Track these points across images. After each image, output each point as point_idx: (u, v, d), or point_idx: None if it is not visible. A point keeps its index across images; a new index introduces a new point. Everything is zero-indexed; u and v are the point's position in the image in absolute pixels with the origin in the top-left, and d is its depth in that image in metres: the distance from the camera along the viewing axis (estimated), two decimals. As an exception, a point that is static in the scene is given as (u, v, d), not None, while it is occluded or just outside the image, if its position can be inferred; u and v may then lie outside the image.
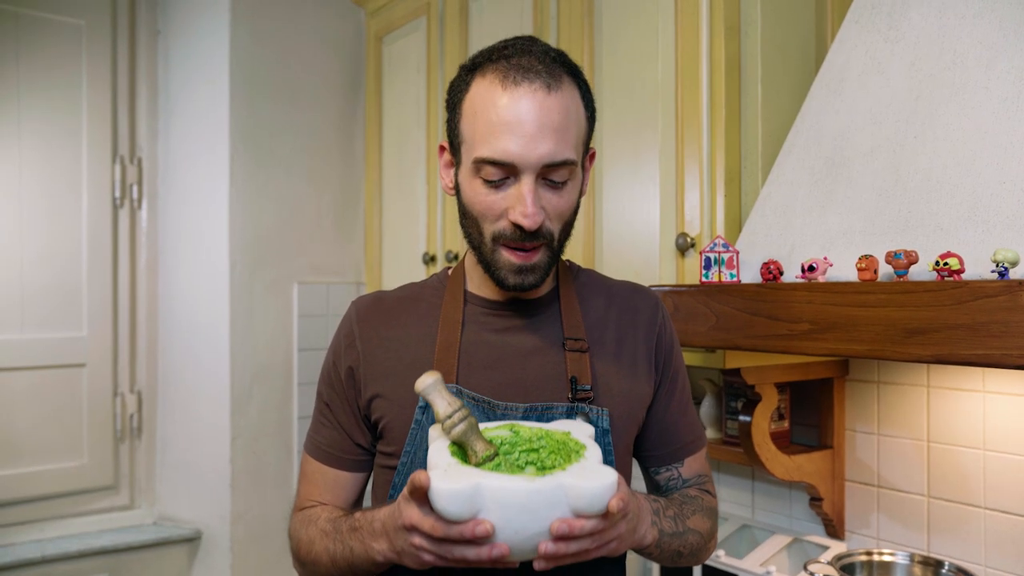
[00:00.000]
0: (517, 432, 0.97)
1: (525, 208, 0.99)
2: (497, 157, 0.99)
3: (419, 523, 0.85)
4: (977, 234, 1.24)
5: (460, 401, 0.91)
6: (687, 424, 1.21)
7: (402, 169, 2.85)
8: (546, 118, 0.99)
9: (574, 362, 1.10)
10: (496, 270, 1.05)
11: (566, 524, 0.81)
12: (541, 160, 0.99)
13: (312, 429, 1.19)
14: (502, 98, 0.99)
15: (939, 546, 1.71)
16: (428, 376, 0.91)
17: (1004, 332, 1.07)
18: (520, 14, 2.27)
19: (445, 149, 1.12)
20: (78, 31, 2.75)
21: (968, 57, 1.38)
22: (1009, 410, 1.60)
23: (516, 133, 0.98)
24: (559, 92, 1.01)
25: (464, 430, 0.90)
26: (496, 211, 1.02)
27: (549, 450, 0.95)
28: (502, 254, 1.04)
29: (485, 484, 0.81)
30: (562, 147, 1.00)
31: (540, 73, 1.00)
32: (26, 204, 2.67)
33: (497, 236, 1.03)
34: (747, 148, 1.76)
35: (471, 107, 1.03)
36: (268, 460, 2.88)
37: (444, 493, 0.81)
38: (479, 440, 0.92)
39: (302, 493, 1.18)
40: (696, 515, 1.14)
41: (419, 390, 0.91)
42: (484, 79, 1.02)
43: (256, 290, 2.84)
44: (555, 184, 1.02)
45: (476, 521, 0.81)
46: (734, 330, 1.45)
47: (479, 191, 1.03)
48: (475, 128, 1.02)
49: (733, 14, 1.73)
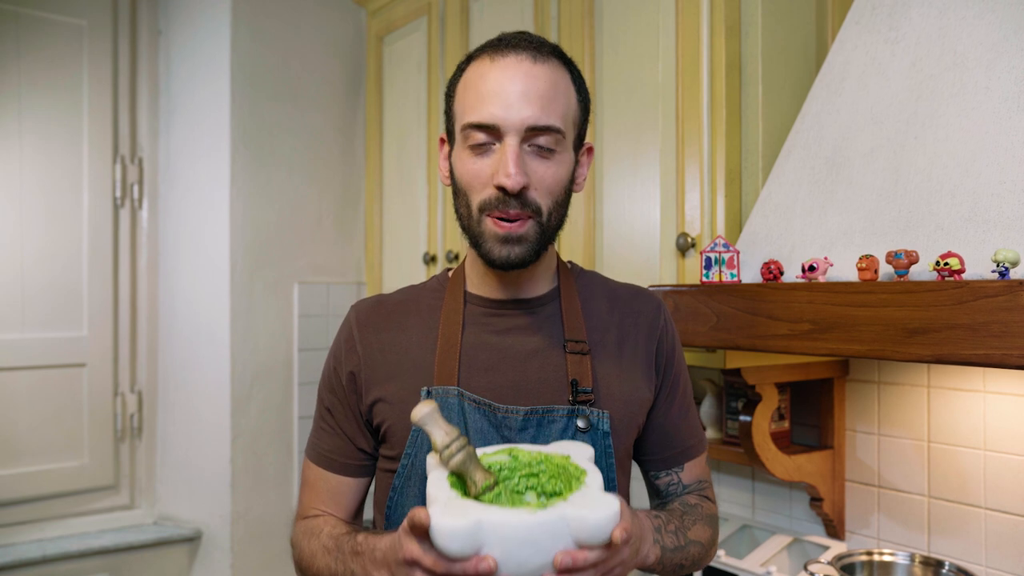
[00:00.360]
0: (516, 457, 0.95)
1: (507, 168, 0.99)
2: (482, 120, 1.01)
3: (420, 558, 0.83)
4: (977, 234, 1.24)
5: (457, 430, 0.90)
6: (688, 428, 1.21)
7: (403, 169, 2.85)
8: (531, 84, 1.01)
9: (575, 364, 1.09)
10: (482, 243, 1.05)
11: (570, 557, 0.81)
12: (524, 122, 1.00)
13: (314, 435, 1.18)
14: (490, 71, 1.03)
15: (939, 546, 1.71)
16: (424, 406, 0.90)
17: (1004, 332, 1.07)
18: (521, 14, 2.28)
19: (444, 141, 1.14)
20: (79, 31, 2.75)
21: (968, 58, 1.38)
22: (1010, 410, 1.60)
23: (500, 96, 1.01)
24: (545, 64, 1.04)
25: (462, 460, 0.89)
26: (482, 179, 1.03)
27: (549, 474, 0.93)
28: (487, 224, 1.03)
29: (486, 520, 0.80)
30: (547, 113, 1.01)
31: (527, 47, 1.04)
32: (27, 203, 2.67)
33: (483, 205, 1.03)
34: (747, 148, 1.76)
35: (463, 87, 1.07)
36: (268, 460, 2.88)
37: (445, 531, 0.79)
38: (478, 469, 0.90)
39: (304, 501, 1.18)
40: (697, 525, 1.13)
41: (415, 420, 0.90)
42: (475, 61, 1.07)
43: (257, 290, 2.84)
44: (541, 150, 1.02)
45: (479, 558, 0.79)
46: (735, 330, 1.45)
47: (466, 160, 1.04)
48: (465, 101, 1.05)
49: (734, 14, 1.73)
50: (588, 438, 1.07)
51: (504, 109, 1.00)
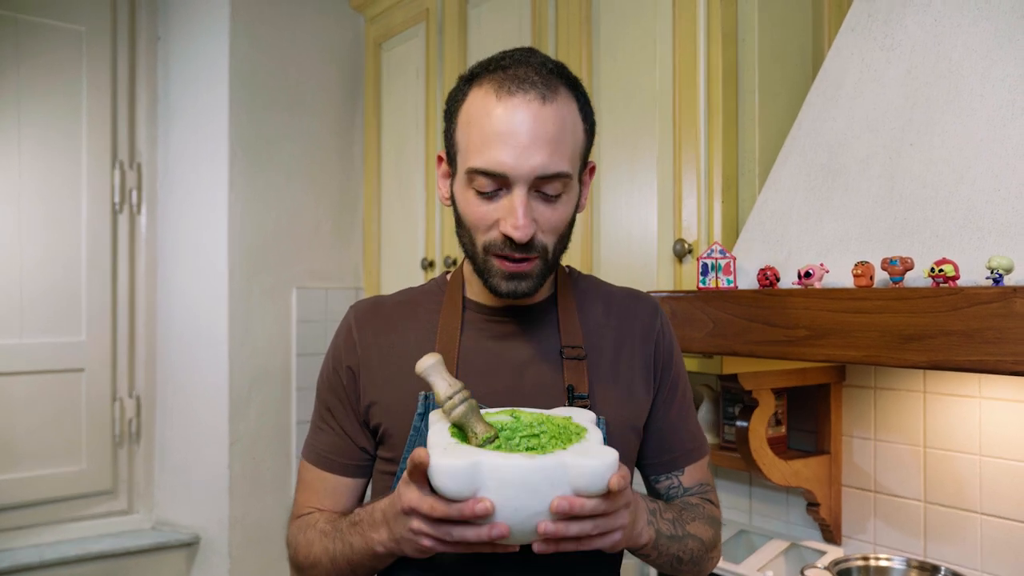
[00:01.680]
0: (518, 417, 0.96)
1: (516, 220, 0.98)
2: (489, 168, 0.98)
3: (418, 504, 0.84)
4: (972, 241, 1.25)
5: (460, 383, 0.91)
6: (688, 432, 1.20)
7: (401, 175, 2.86)
8: (540, 129, 0.98)
9: (571, 370, 1.10)
10: (488, 278, 1.05)
11: (567, 501, 0.81)
12: (533, 172, 0.98)
13: (311, 435, 1.18)
14: (496, 108, 0.99)
15: (936, 551, 1.71)
16: (429, 357, 0.91)
17: (999, 338, 1.08)
18: (519, 21, 2.29)
19: (443, 159, 1.12)
20: (78, 37, 2.76)
21: (963, 65, 1.39)
22: (1005, 416, 1.61)
23: (509, 144, 0.97)
24: (554, 103, 1.00)
25: (464, 411, 0.90)
26: (488, 222, 1.02)
27: (550, 435, 0.94)
28: (493, 263, 1.04)
29: (485, 461, 0.81)
30: (556, 159, 0.99)
31: (536, 84, 0.99)
32: (26, 209, 2.67)
33: (488, 246, 1.03)
34: (744, 155, 1.77)
35: (466, 117, 1.03)
36: (266, 465, 2.88)
37: (443, 469, 0.80)
38: (479, 422, 0.91)
39: (300, 501, 1.17)
40: (696, 521, 1.12)
41: (420, 371, 0.91)
42: (480, 89, 1.02)
43: (255, 295, 2.85)
44: (548, 197, 1.01)
45: (476, 499, 0.80)
46: (731, 336, 1.46)
47: (471, 201, 1.02)
48: (469, 138, 1.01)
49: (730, 22, 1.74)
50: None
51: (513, 158, 0.97)
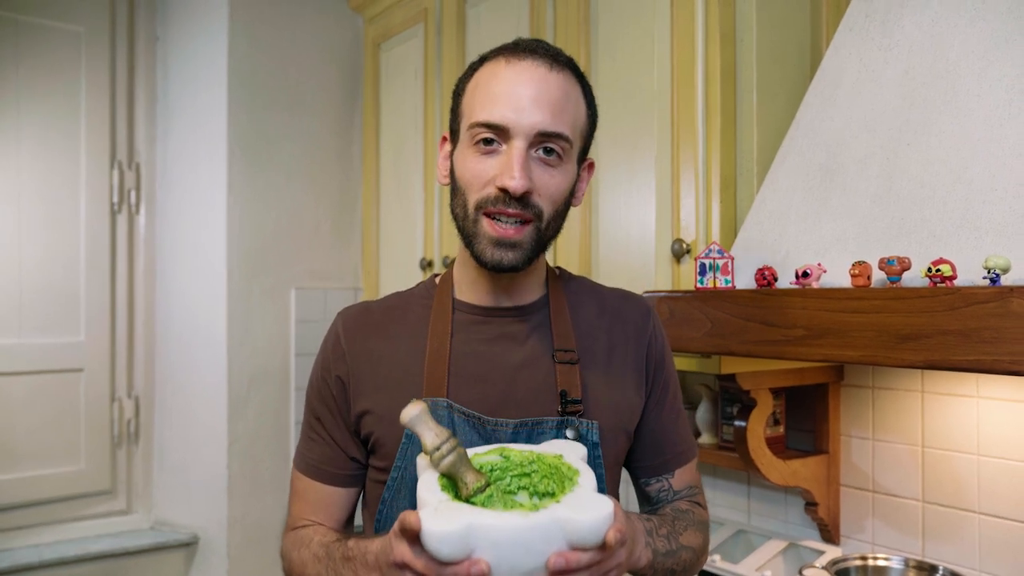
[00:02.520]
0: (507, 457, 0.94)
1: (512, 171, 0.99)
2: (492, 119, 1.01)
3: (411, 562, 0.82)
4: (969, 241, 1.25)
5: (448, 431, 0.89)
6: (678, 435, 1.20)
7: (400, 175, 2.86)
8: (544, 90, 1.01)
9: (564, 374, 1.09)
10: (475, 243, 1.04)
11: (563, 559, 0.80)
12: (534, 127, 1.00)
13: (302, 446, 1.17)
14: (505, 71, 1.03)
15: (934, 551, 1.71)
16: (413, 407, 0.89)
17: (995, 338, 1.08)
18: (517, 21, 2.29)
19: (447, 139, 1.13)
20: (77, 37, 2.76)
21: (960, 66, 1.39)
22: (1003, 415, 1.61)
23: (512, 98, 1.01)
24: (560, 73, 1.04)
25: (453, 461, 0.88)
26: (484, 178, 1.02)
27: (541, 474, 0.92)
28: (483, 225, 1.03)
29: (477, 523, 0.79)
30: (556, 120, 1.02)
31: (544, 54, 1.04)
32: (25, 209, 2.67)
33: (481, 203, 1.02)
34: (742, 154, 1.77)
35: (474, 86, 1.06)
36: (265, 465, 2.88)
37: (436, 535, 0.78)
38: (469, 471, 0.89)
39: (294, 512, 1.16)
40: (689, 530, 1.12)
41: (405, 422, 0.89)
42: (490, 62, 1.06)
43: (254, 295, 2.85)
44: (547, 159, 1.02)
45: (471, 561, 0.78)
46: (729, 336, 1.46)
47: (470, 158, 1.04)
48: (475, 99, 1.04)
49: (728, 21, 1.74)
50: None
51: (515, 111, 1.00)
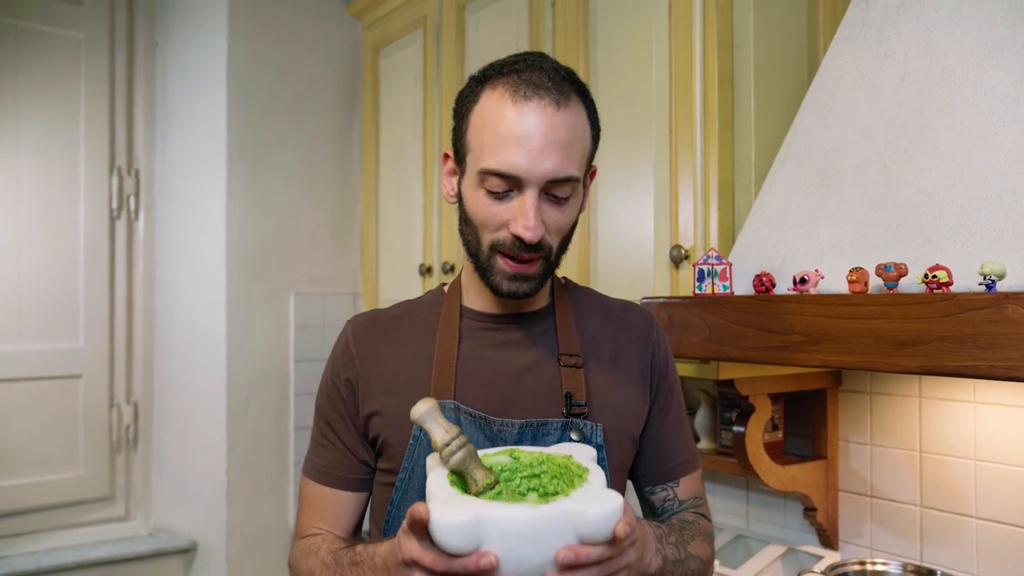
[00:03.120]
0: (517, 458, 0.95)
1: (527, 222, 1.00)
2: (503, 169, 1.00)
3: (419, 557, 0.82)
4: (965, 247, 1.26)
5: (457, 428, 0.90)
6: (682, 443, 1.21)
7: (399, 180, 2.87)
8: (553, 134, 1.00)
9: (569, 377, 1.10)
10: (491, 276, 1.06)
11: (572, 552, 0.79)
12: (546, 175, 1.00)
13: (312, 452, 1.17)
14: (511, 112, 1.01)
15: (932, 556, 1.72)
16: (423, 404, 0.90)
17: (991, 344, 1.09)
18: (516, 27, 2.30)
19: (449, 157, 1.12)
20: (76, 44, 2.77)
21: (956, 73, 1.40)
22: (1000, 421, 1.62)
23: (523, 147, 0.99)
24: (567, 110, 1.02)
25: (463, 458, 0.88)
26: (497, 222, 1.03)
27: (551, 475, 0.93)
28: (498, 261, 1.05)
29: (487, 514, 0.78)
30: (567, 164, 1.01)
31: (550, 90, 1.01)
32: (24, 215, 2.67)
33: (496, 245, 1.04)
34: (740, 161, 1.78)
35: (479, 118, 1.04)
36: (264, 471, 2.88)
37: (444, 526, 0.78)
38: (478, 468, 0.89)
39: (303, 521, 1.17)
40: (696, 540, 1.13)
41: (415, 418, 0.89)
42: (494, 92, 1.03)
43: (253, 301, 2.85)
44: (557, 199, 1.03)
45: (480, 553, 0.78)
46: (727, 342, 1.47)
47: (482, 201, 1.04)
48: (483, 139, 1.03)
49: (726, 29, 1.75)
50: None
51: (527, 160, 0.99)
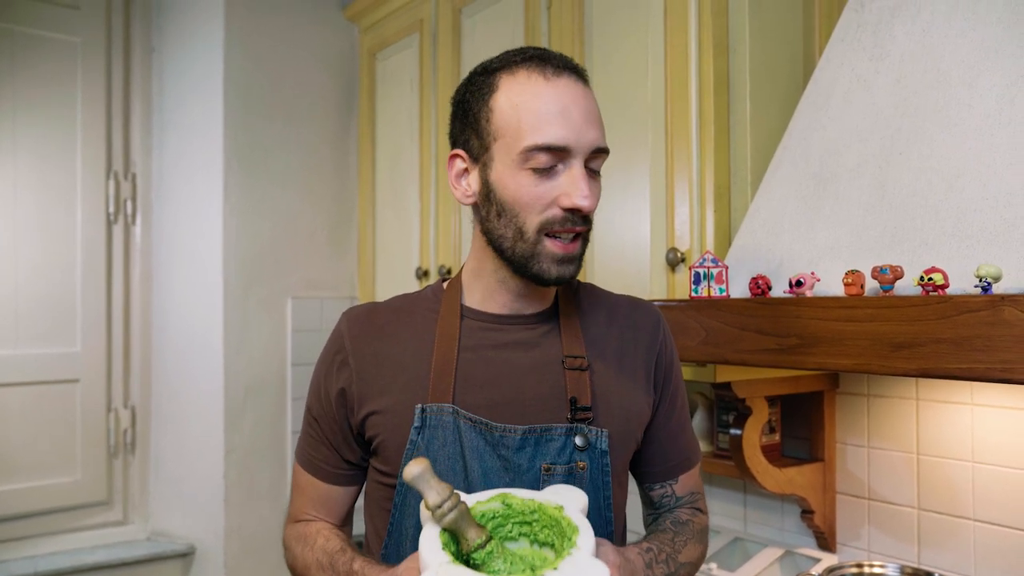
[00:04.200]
0: (509, 505, 0.96)
1: (584, 191, 1.02)
2: (552, 142, 1.01)
3: None
4: (961, 249, 1.26)
5: (449, 487, 0.91)
6: (685, 442, 1.21)
7: (395, 184, 2.87)
8: (588, 107, 1.05)
9: (573, 381, 1.09)
10: (537, 263, 1.04)
11: None
12: (592, 144, 1.03)
13: (303, 440, 1.19)
14: (546, 88, 1.03)
15: (929, 558, 1.72)
16: (416, 466, 0.90)
17: (987, 346, 1.09)
18: (512, 31, 2.30)
19: (459, 157, 1.09)
20: (73, 48, 2.77)
21: (951, 75, 1.40)
22: (997, 423, 1.62)
23: (567, 118, 1.02)
24: (588, 88, 1.08)
25: (455, 518, 0.90)
26: (545, 200, 1.03)
27: (542, 524, 0.95)
28: (546, 245, 1.04)
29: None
30: (603, 135, 1.06)
31: (573, 69, 1.07)
32: (21, 219, 2.67)
33: (545, 225, 1.03)
34: (736, 164, 1.78)
35: (508, 102, 1.03)
36: (262, 475, 2.87)
37: None
38: (471, 527, 0.91)
39: (296, 503, 1.19)
40: (688, 545, 1.14)
41: (408, 479, 0.90)
42: (516, 76, 1.04)
43: (250, 305, 2.85)
44: (594, 173, 1.06)
45: None
46: (723, 344, 1.47)
47: (526, 182, 1.02)
48: (520, 119, 1.02)
49: (722, 32, 1.76)
50: (586, 456, 1.06)
51: (574, 131, 1.02)
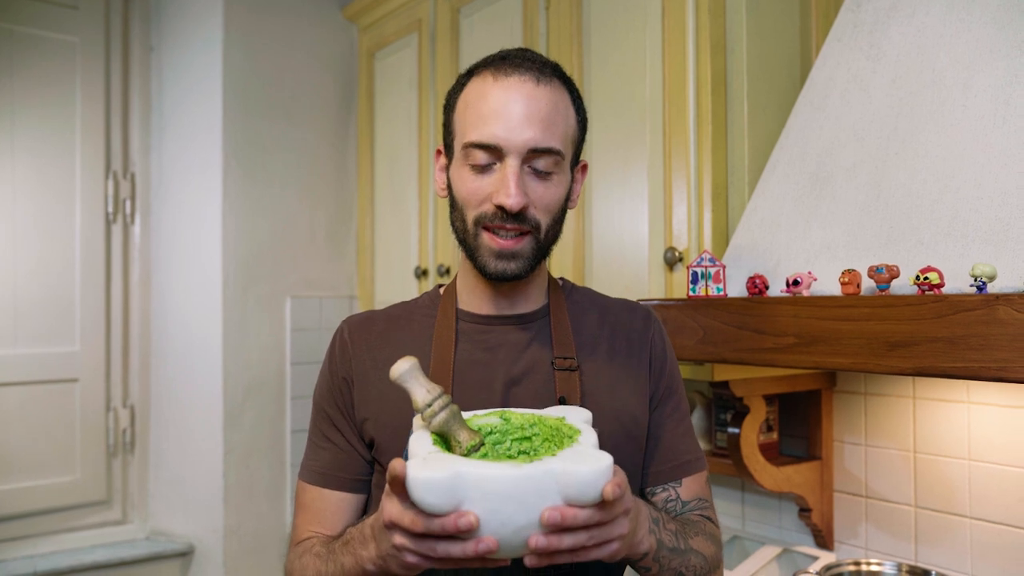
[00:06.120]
0: (508, 419, 0.92)
1: (508, 189, 1.01)
2: (484, 140, 1.02)
3: (399, 519, 0.79)
4: (956, 248, 1.27)
5: (439, 388, 0.87)
6: (685, 442, 1.17)
7: (394, 183, 2.87)
8: (533, 106, 1.03)
9: (563, 381, 1.09)
10: (479, 256, 1.07)
11: (558, 512, 0.75)
12: (526, 144, 1.02)
13: (309, 455, 1.16)
14: (493, 89, 1.04)
15: (926, 556, 1.72)
16: (404, 361, 0.86)
17: (982, 345, 1.09)
18: (510, 31, 2.30)
19: (441, 152, 1.15)
20: (72, 48, 2.77)
21: (947, 75, 1.41)
22: (993, 421, 1.63)
23: (503, 118, 1.02)
24: (548, 86, 1.05)
25: (445, 419, 0.85)
26: (480, 196, 1.05)
27: (543, 437, 0.89)
28: (483, 239, 1.06)
29: (466, 472, 0.75)
30: (547, 135, 1.03)
31: (530, 68, 1.05)
32: (19, 219, 2.67)
33: (479, 219, 1.05)
34: (733, 163, 1.78)
35: (464, 103, 1.08)
36: (261, 474, 2.88)
37: (421, 483, 0.74)
38: (463, 429, 0.86)
39: (299, 525, 1.14)
40: (699, 537, 1.09)
41: (394, 377, 0.86)
42: (478, 78, 1.08)
43: (249, 304, 2.85)
44: (540, 173, 1.05)
45: (459, 513, 0.75)
46: (721, 343, 1.47)
47: (466, 177, 1.06)
48: (466, 118, 1.06)
49: (719, 32, 1.76)
50: None
51: (506, 130, 1.02)
